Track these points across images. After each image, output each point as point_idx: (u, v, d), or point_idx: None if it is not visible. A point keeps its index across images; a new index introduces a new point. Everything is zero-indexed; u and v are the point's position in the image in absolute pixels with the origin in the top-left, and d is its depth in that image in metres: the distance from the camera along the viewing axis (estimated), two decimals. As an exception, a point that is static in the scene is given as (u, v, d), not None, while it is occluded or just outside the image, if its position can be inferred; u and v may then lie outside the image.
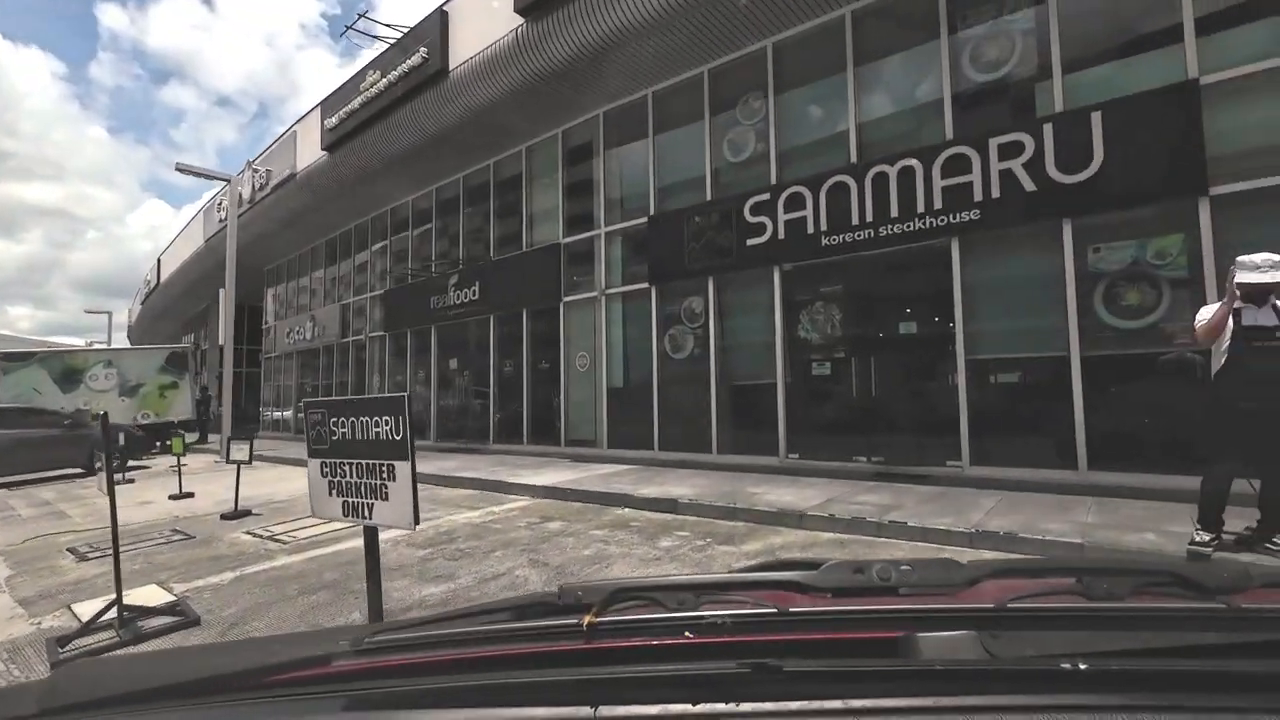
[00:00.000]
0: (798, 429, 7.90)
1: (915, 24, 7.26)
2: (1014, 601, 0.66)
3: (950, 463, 6.69)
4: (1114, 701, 0.51)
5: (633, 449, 9.44)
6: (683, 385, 9.07)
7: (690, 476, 7.45)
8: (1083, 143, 5.94)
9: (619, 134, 10.26)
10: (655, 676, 0.61)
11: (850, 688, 0.56)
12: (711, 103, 8.98)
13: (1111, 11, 6.20)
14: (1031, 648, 0.61)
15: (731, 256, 8.34)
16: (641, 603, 0.74)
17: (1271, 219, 5.32)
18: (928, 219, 6.81)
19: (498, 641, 0.73)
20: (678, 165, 9.45)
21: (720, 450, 8.52)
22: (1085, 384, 5.92)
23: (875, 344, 7.39)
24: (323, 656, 0.72)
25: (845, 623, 0.67)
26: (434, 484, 8.29)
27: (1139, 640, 0.62)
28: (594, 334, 10.17)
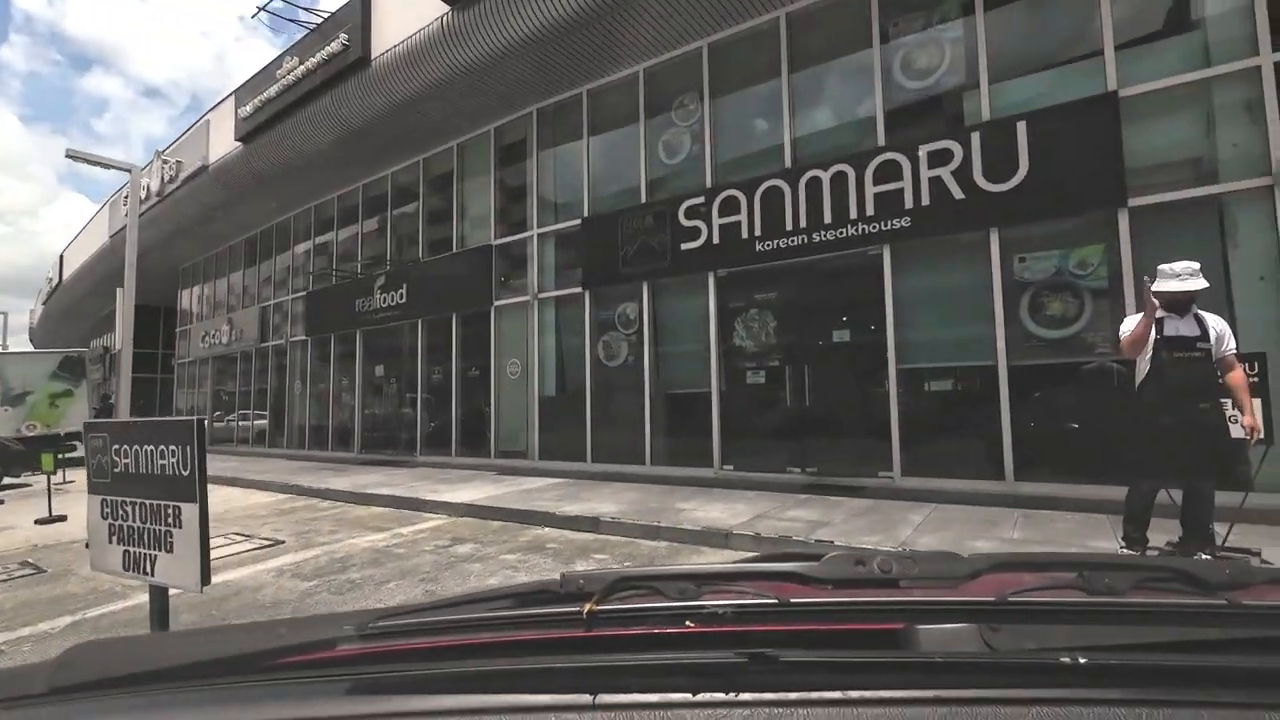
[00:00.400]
0: (732, 440, 7.67)
1: (849, 30, 7.18)
2: (1015, 595, 0.66)
3: (882, 474, 6.57)
4: (1114, 696, 0.51)
5: (565, 460, 9.03)
6: (616, 394, 8.74)
7: (620, 490, 7.10)
8: (1008, 152, 5.92)
9: (553, 132, 9.87)
10: (655, 665, 0.61)
11: (850, 679, 0.56)
12: (647, 103, 8.71)
13: (1036, 23, 6.24)
14: (1032, 641, 0.61)
15: (666, 261, 8.06)
16: (642, 592, 0.73)
17: (1186, 232, 5.40)
18: (860, 225, 6.70)
19: (500, 628, 0.73)
20: (613, 166, 9.13)
21: (654, 462, 8.21)
22: (1012, 394, 5.89)
23: (809, 352, 7.23)
24: (328, 640, 0.72)
25: (845, 614, 0.68)
26: (346, 502, 7.66)
27: (1140, 635, 0.63)
28: (526, 340, 9.72)
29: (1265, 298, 5.03)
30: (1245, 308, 5.09)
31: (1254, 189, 5.08)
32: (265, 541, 5.59)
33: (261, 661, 0.72)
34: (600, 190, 9.18)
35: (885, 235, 6.56)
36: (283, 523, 6.50)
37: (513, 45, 8.29)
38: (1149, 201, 5.44)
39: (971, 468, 6.14)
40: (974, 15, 6.38)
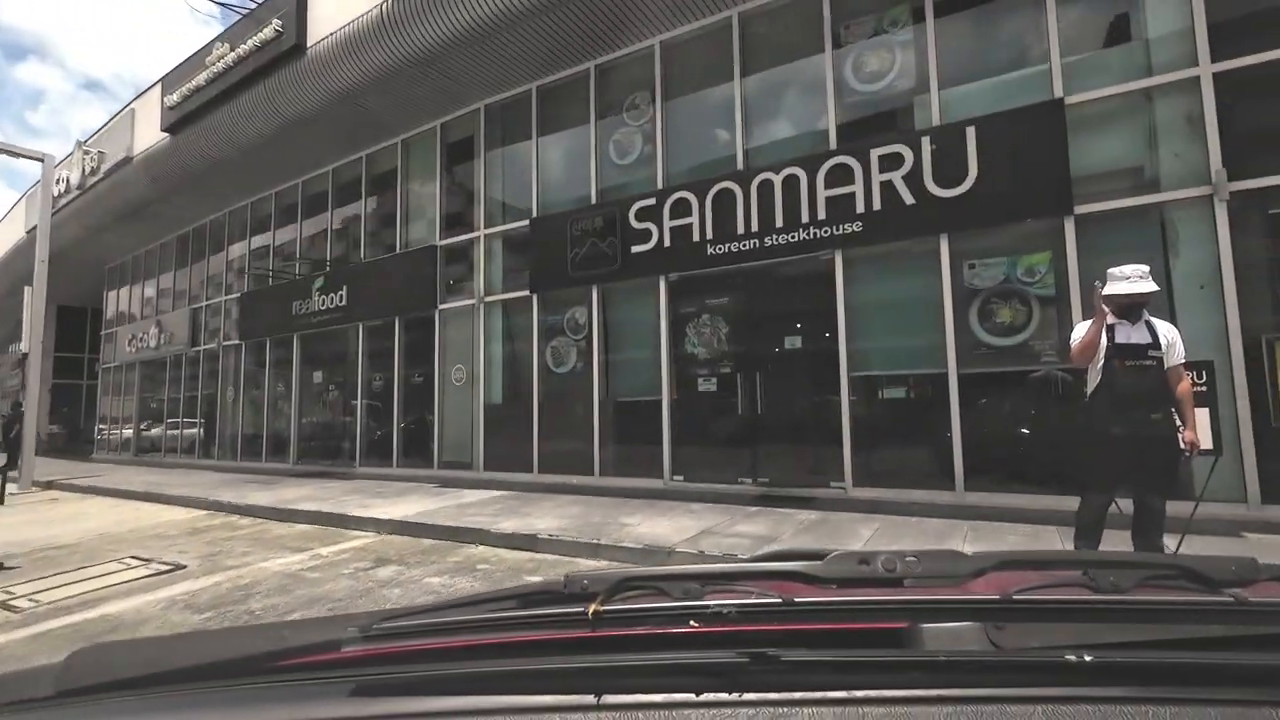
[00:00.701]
0: (683, 449, 7.42)
1: (801, 31, 7.06)
2: (1019, 593, 0.65)
3: (834, 484, 6.40)
4: (1119, 693, 0.51)
5: (511, 471, 8.62)
6: (565, 402, 8.39)
7: (565, 504, 6.75)
8: (958, 157, 5.85)
9: (501, 129, 9.50)
10: (659, 665, 0.61)
11: (854, 678, 0.55)
12: (598, 101, 8.43)
13: (985, 30, 6.20)
14: (1037, 639, 0.61)
15: (616, 264, 7.78)
16: (647, 592, 0.73)
17: (1130, 240, 5.39)
18: (812, 229, 6.54)
19: (504, 629, 0.73)
20: (563, 165, 8.82)
21: (603, 472, 7.89)
22: (962, 402, 5.79)
23: (762, 360, 7.04)
24: (331, 642, 0.72)
25: (850, 613, 0.68)
26: (268, 519, 7.10)
27: (1145, 632, 0.62)
28: (472, 345, 9.29)
29: (1206, 306, 5.04)
30: (1187, 317, 5.08)
31: (1195, 198, 5.09)
32: (165, 567, 5.05)
33: (265, 663, 0.73)
34: (549, 190, 8.85)
35: (837, 240, 6.42)
36: (191, 544, 5.93)
37: (456, 37, 7.91)
38: (1094, 209, 5.42)
39: (922, 478, 6.02)
40: (924, 20, 6.32)
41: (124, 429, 17.07)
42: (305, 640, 0.76)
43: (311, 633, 0.80)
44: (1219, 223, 4.96)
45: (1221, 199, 4.93)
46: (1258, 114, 5.04)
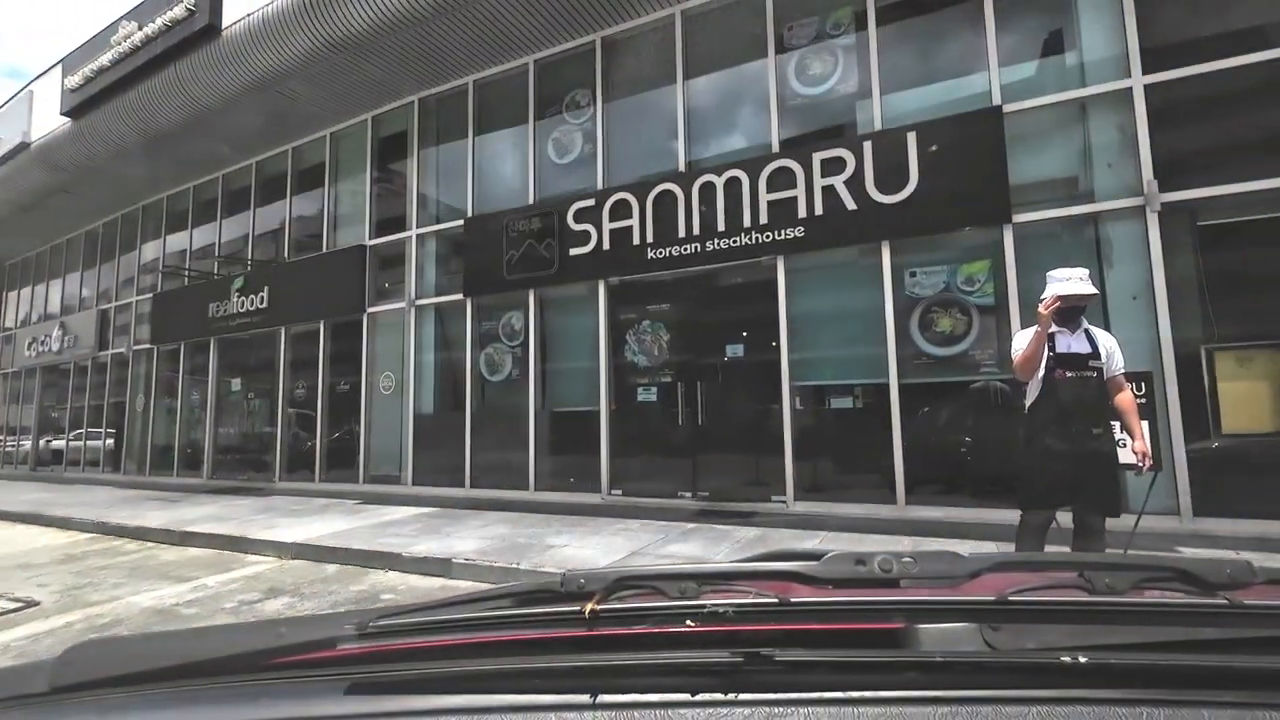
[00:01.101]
0: (622, 462, 7.08)
1: (745, 32, 6.88)
2: (1015, 594, 0.65)
3: (775, 498, 6.17)
4: (1114, 695, 0.51)
5: (441, 486, 8.11)
6: (499, 412, 7.95)
7: (493, 522, 6.30)
8: (899, 163, 5.74)
9: (437, 124, 9.03)
10: (655, 665, 0.61)
11: (850, 678, 0.55)
12: (538, 97, 8.07)
13: (927, 36, 6.14)
14: (1032, 640, 0.61)
15: (554, 267, 7.40)
16: (643, 591, 0.73)
17: (1067, 250, 5.37)
18: (754, 234, 6.33)
19: (500, 627, 0.73)
20: (500, 163, 8.42)
21: (538, 487, 7.47)
22: (903, 413, 5.64)
23: (703, 369, 6.78)
24: (327, 640, 0.72)
25: (846, 614, 0.68)
26: (160, 543, 6.39)
27: (1140, 634, 0.62)
28: (402, 352, 8.74)
29: (1138, 318, 5.02)
30: (1122, 328, 5.05)
31: (1127, 209, 5.08)
32: (13, 605, 4.38)
33: (261, 660, 0.72)
34: (486, 190, 8.42)
35: (779, 245, 6.22)
36: (57, 575, 5.23)
37: (385, 22, 7.43)
38: (1032, 219, 5.38)
39: (864, 491, 5.86)
40: (867, 24, 6.22)
41: (22, 441, 15.60)
42: (301, 638, 0.76)
43: (308, 630, 0.80)
44: (1151, 234, 4.95)
45: (1153, 210, 4.92)
46: (1187, 127, 5.08)
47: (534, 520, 6.32)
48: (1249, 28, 4.90)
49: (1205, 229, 4.92)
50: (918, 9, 6.15)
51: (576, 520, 6.27)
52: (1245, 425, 2.82)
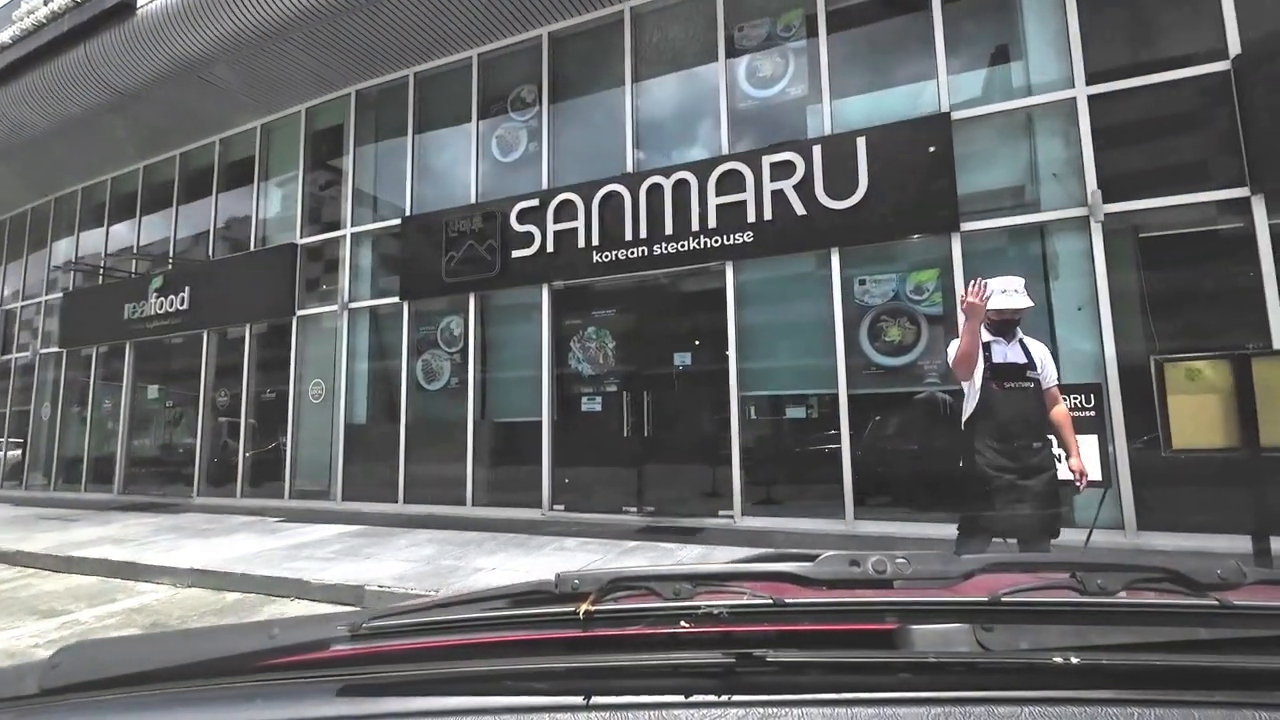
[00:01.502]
0: (564, 476, 6.72)
1: (695, 30, 6.70)
2: (1008, 595, 0.65)
3: (723, 513, 5.92)
4: (1105, 696, 0.51)
5: (373, 501, 7.59)
6: (436, 423, 7.51)
7: (423, 541, 5.87)
8: (849, 168, 5.61)
9: (375, 118, 8.56)
10: (649, 666, 0.61)
11: (844, 679, 0.56)
12: (482, 92, 7.72)
13: (877, 39, 6.05)
14: (1025, 641, 0.61)
15: (496, 270, 7.02)
16: (638, 592, 0.73)
17: (1013, 260, 5.32)
18: (702, 239, 6.10)
19: (494, 628, 0.72)
20: (441, 160, 8.01)
21: (476, 502, 7.05)
22: (852, 425, 5.47)
23: (649, 378, 6.50)
24: (320, 641, 0.72)
25: (840, 614, 0.68)
26: (44, 569, 5.72)
27: (1131, 635, 0.63)
28: (333, 358, 8.20)
29: (1083, 329, 4.97)
30: (1066, 339, 5.01)
31: (1072, 219, 5.05)
32: None
33: (253, 662, 0.72)
34: (426, 187, 8.00)
35: (728, 250, 6.01)
36: (-94, 609, 4.56)
37: (315, 8, 6.98)
38: (980, 227, 5.30)
39: (813, 506, 5.66)
40: (817, 28, 6.10)
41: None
42: (294, 639, 0.76)
43: (301, 631, 0.80)
44: (1095, 244, 4.92)
45: (1097, 220, 4.89)
46: (1130, 139, 5.08)
47: (467, 539, 5.91)
48: (1187, 42, 4.93)
49: (1147, 240, 4.91)
50: (869, 15, 6.06)
51: (513, 538, 5.89)
52: (1193, 439, 2.70)
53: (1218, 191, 4.68)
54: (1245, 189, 4.58)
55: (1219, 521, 4.20)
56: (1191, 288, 4.84)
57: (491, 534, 6.15)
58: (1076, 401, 3.41)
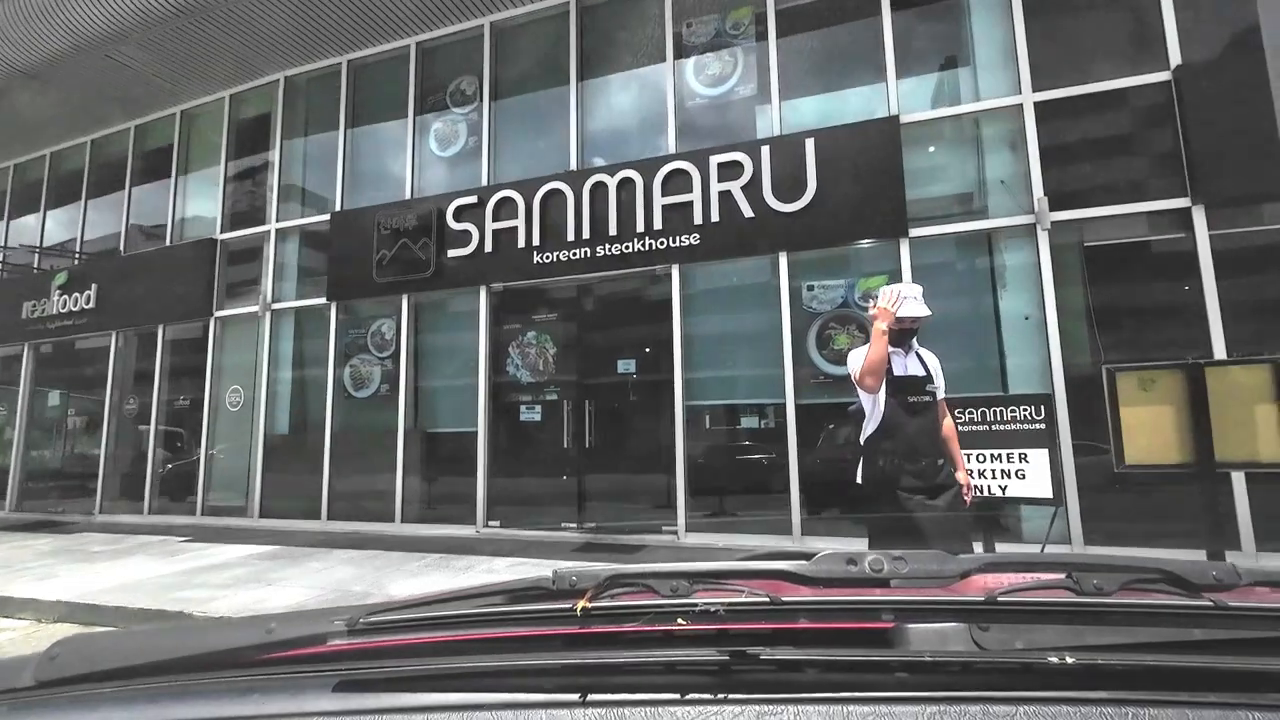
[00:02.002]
0: (500, 490, 6.32)
1: (642, 25, 6.45)
2: (1004, 595, 0.65)
3: (666, 528, 5.62)
4: (1101, 696, 0.51)
5: (294, 518, 7.02)
6: (365, 433, 7.00)
7: (339, 562, 5.37)
8: (797, 170, 5.42)
9: (306, 107, 8.04)
10: (645, 663, 0.61)
11: (841, 677, 0.56)
12: (420, 83, 7.30)
13: (826, 41, 5.90)
14: (1020, 640, 0.62)
15: (430, 270, 6.59)
16: (635, 589, 0.73)
17: (961, 267, 5.22)
18: (647, 240, 5.82)
19: (491, 624, 0.73)
20: (374, 154, 7.55)
21: (405, 518, 6.57)
22: (800, 438, 5.25)
23: (591, 386, 6.16)
24: (317, 635, 0.72)
25: (837, 613, 0.68)
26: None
27: (1126, 635, 0.63)
28: (254, 363, 7.60)
29: (1029, 340, 4.87)
30: (1014, 349, 4.91)
31: (1019, 226, 4.96)
32: None
33: (250, 656, 0.72)
34: (357, 181, 7.51)
35: (674, 253, 5.75)
36: None
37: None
38: (928, 233, 5.17)
39: (759, 521, 5.41)
40: (767, 27, 5.93)
41: None
42: (291, 634, 0.75)
43: (298, 626, 0.79)
44: (1042, 252, 4.83)
45: (1044, 228, 4.81)
46: (1076, 147, 5.03)
47: (389, 560, 5.43)
48: (1130, 52, 4.92)
49: (1093, 250, 4.85)
50: (818, 16, 5.91)
51: (440, 559, 5.45)
52: (1147, 455, 2.54)
53: (1160, 201, 4.64)
54: (1186, 199, 4.55)
55: (1170, 536, 4.10)
56: (1136, 298, 4.80)
57: (419, 554, 5.68)
58: (1025, 413, 3.24)
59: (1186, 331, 4.48)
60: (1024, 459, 3.10)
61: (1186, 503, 3.00)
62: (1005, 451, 3.18)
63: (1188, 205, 4.55)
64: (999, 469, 3.20)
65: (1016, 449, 3.13)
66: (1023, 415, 3.22)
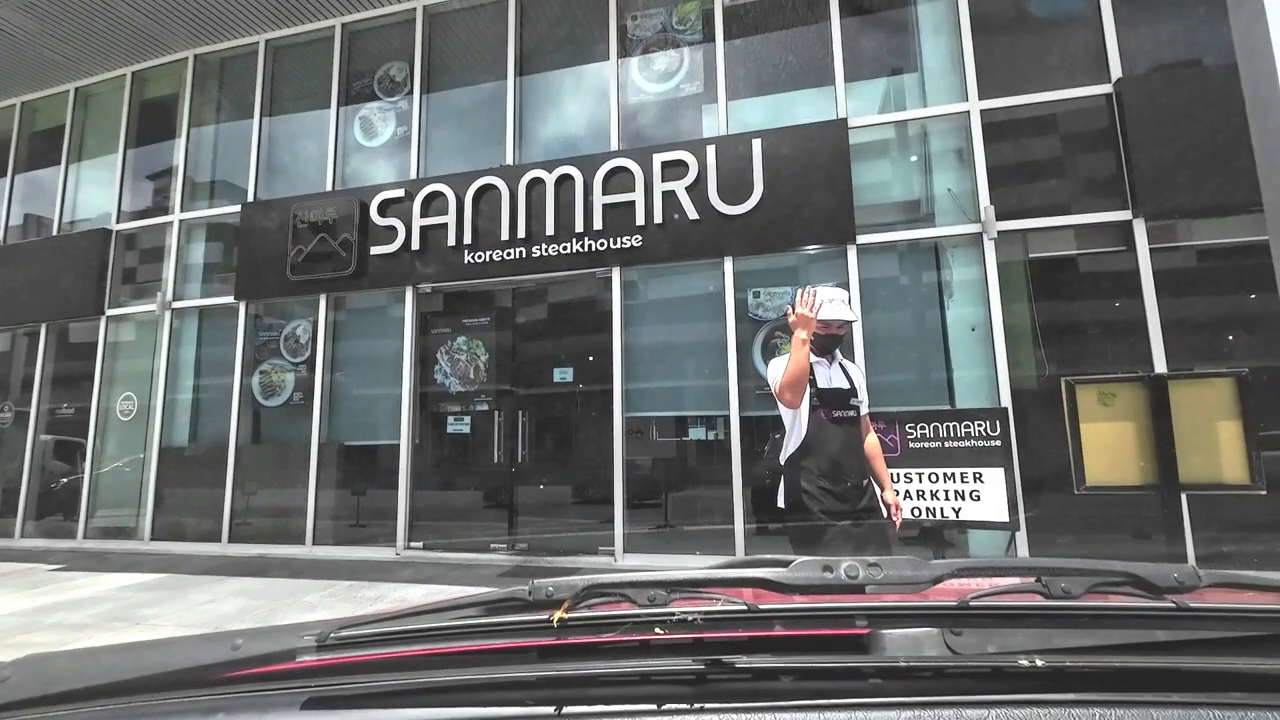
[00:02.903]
0: (425, 508, 5.81)
1: (586, 14, 6.14)
2: (976, 599, 0.66)
3: (603, 550, 5.24)
4: (1068, 698, 0.52)
5: (191, 541, 6.32)
6: (275, 446, 6.38)
7: (233, 593, 4.76)
8: (744, 172, 5.19)
9: (218, 88, 7.37)
10: (622, 674, 0.61)
11: (816, 685, 0.56)
12: (346, 67, 6.77)
13: (775, 40, 5.71)
14: (992, 644, 0.63)
15: (351, 268, 6.05)
16: (612, 599, 0.73)
17: (909, 277, 5.08)
18: (587, 240, 5.47)
19: (466, 637, 0.71)
20: (294, 141, 6.96)
21: (318, 540, 5.97)
22: (744, 452, 4.98)
23: (525, 396, 5.75)
24: (286, 652, 0.70)
25: (813, 619, 0.69)
26: None
27: (1093, 637, 0.65)
28: (150, 367, 6.85)
29: (975, 353, 4.75)
30: (961, 363, 4.77)
31: (966, 235, 4.85)
32: None
33: (215, 674, 0.70)
34: (274, 170, 6.90)
35: (615, 255, 5.42)
36: None
37: (131, -55, 5.82)
38: (876, 240, 5.01)
39: (702, 542, 5.11)
40: (714, 24, 5.71)
41: None
42: (259, 650, 0.74)
43: (266, 642, 0.77)
44: (988, 263, 4.72)
45: (990, 237, 4.70)
46: (1023, 157, 4.97)
47: (288, 589, 4.85)
48: (1073, 63, 4.89)
49: (1038, 261, 4.78)
50: (767, 16, 5.73)
51: (349, 587, 4.90)
52: (1108, 474, 2.35)
53: (1103, 214, 4.60)
54: (1129, 212, 4.52)
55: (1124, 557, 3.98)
56: (1080, 310, 4.74)
57: (326, 581, 5.11)
58: (980, 430, 3.03)
59: (1129, 346, 4.43)
60: (979, 478, 2.87)
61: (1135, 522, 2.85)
62: (958, 470, 2.95)
63: (1129, 218, 4.51)
64: (952, 489, 2.96)
65: (970, 468, 2.90)
66: (977, 431, 3.00)
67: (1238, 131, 4.24)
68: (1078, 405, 2.41)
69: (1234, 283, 4.59)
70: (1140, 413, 2.31)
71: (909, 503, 3.04)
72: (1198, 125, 4.31)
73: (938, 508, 3.01)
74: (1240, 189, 4.08)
